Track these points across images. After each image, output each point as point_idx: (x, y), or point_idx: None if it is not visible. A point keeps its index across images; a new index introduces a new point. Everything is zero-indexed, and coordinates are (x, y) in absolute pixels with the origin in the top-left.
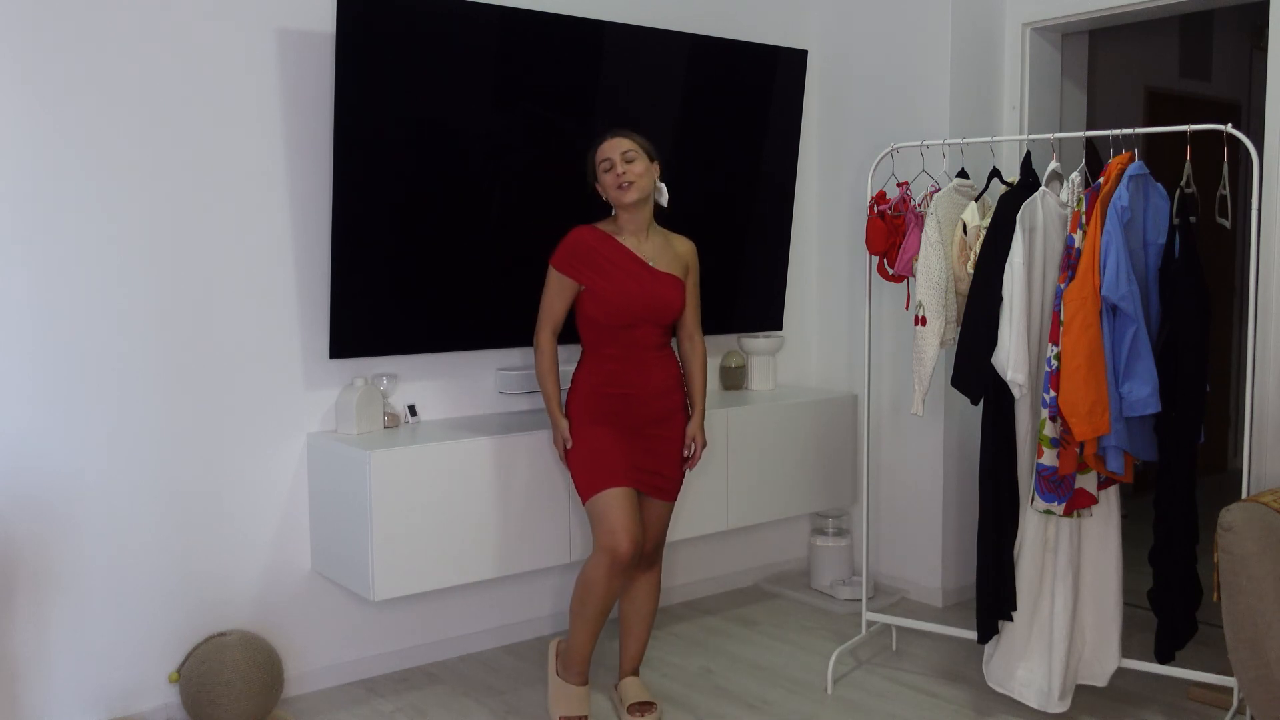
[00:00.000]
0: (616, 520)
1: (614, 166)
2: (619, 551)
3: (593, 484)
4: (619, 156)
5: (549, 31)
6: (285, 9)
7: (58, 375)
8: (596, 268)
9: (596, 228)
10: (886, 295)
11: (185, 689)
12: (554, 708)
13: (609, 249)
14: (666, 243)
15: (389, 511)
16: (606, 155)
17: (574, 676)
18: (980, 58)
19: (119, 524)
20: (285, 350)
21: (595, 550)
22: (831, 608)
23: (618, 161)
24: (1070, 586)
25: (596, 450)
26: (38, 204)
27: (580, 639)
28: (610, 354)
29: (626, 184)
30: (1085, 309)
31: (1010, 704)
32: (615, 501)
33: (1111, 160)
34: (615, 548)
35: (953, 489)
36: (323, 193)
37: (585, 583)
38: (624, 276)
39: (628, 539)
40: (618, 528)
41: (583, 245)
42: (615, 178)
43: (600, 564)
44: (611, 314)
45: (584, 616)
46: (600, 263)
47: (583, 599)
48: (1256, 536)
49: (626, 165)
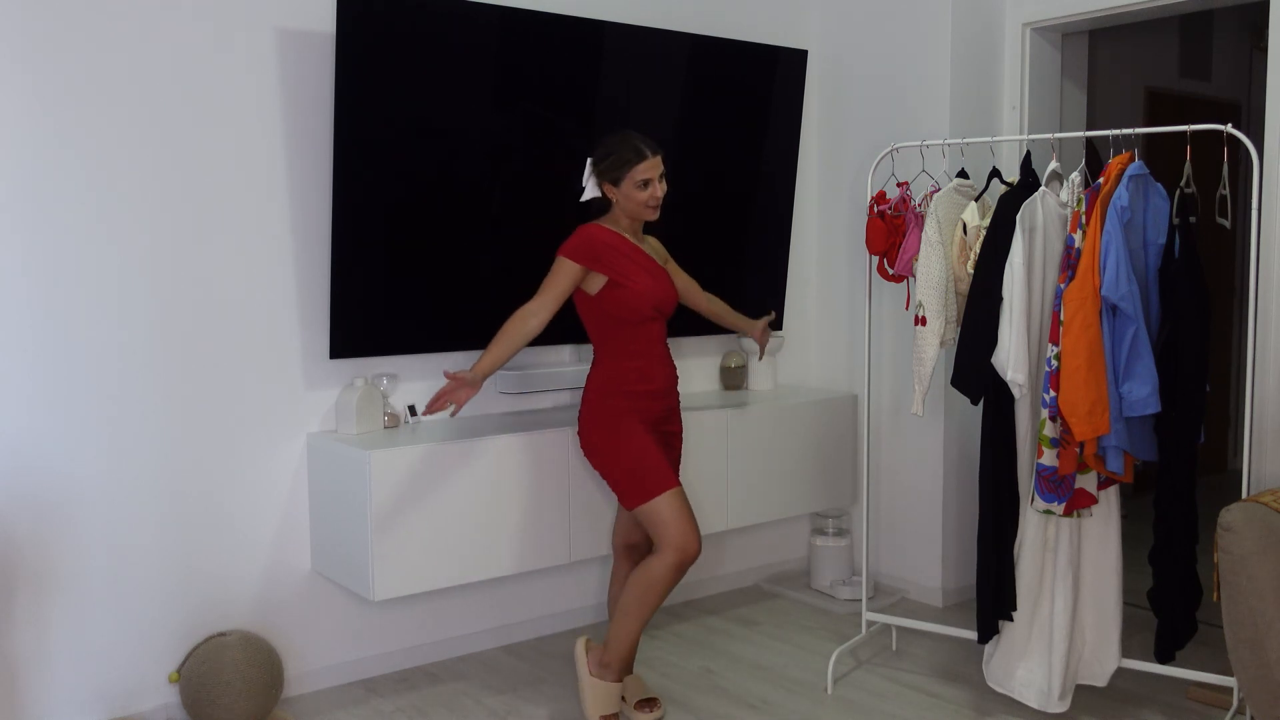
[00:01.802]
0: (685, 520)
1: (653, 186)
2: (690, 550)
3: (652, 487)
4: (657, 177)
5: (549, 31)
6: (285, 9)
7: (58, 375)
8: (619, 263)
9: (607, 227)
10: (886, 295)
11: (185, 689)
12: (592, 709)
13: (625, 247)
14: (646, 242)
15: (389, 511)
16: (647, 175)
17: (616, 674)
18: (980, 58)
19: (119, 524)
20: (285, 350)
21: (663, 550)
22: (831, 608)
23: (657, 183)
24: (1070, 586)
25: (645, 453)
26: (37, 204)
27: (629, 637)
28: (634, 350)
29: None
30: (1085, 309)
31: (1010, 704)
32: (678, 501)
33: (1111, 160)
34: (687, 547)
35: (953, 489)
36: (323, 193)
37: (649, 582)
38: (642, 273)
39: (696, 538)
40: (688, 528)
41: (603, 242)
42: (652, 199)
43: (669, 564)
44: (636, 309)
45: (641, 616)
46: (621, 260)
47: (643, 598)
48: (1256, 536)
49: (661, 185)
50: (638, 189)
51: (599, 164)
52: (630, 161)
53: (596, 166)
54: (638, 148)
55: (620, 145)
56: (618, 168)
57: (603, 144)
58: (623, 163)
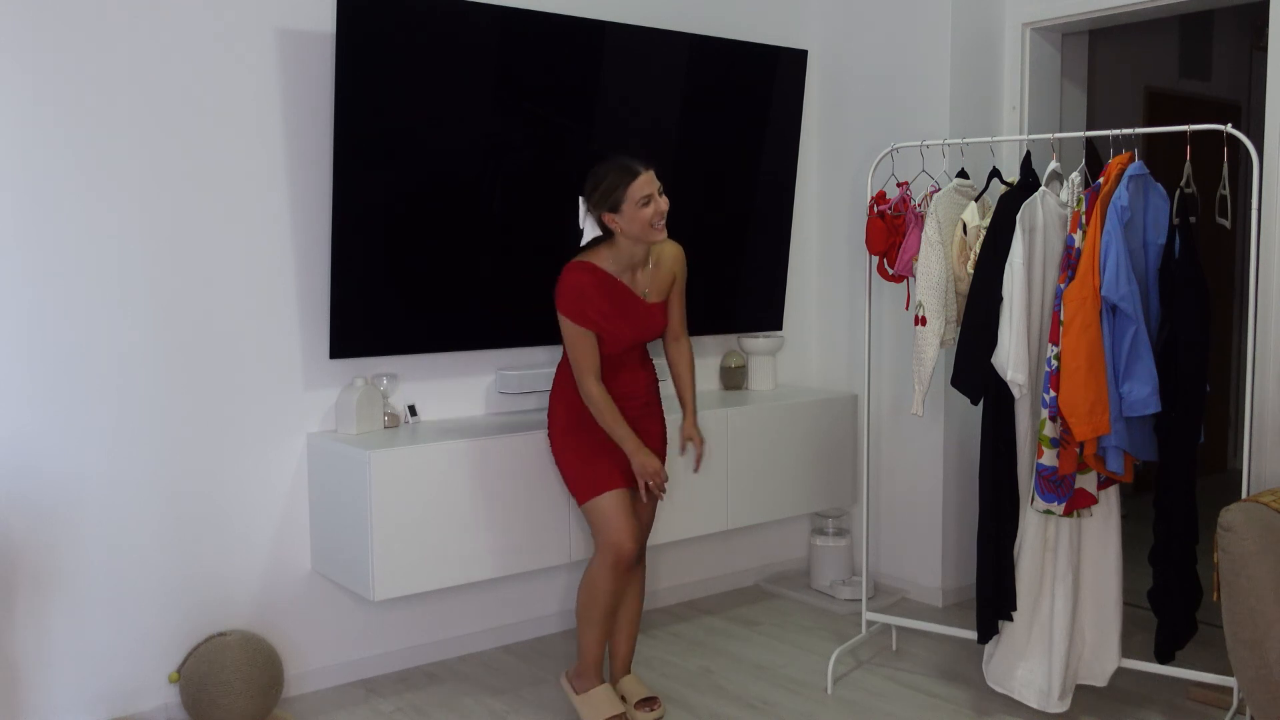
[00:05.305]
0: (619, 520)
1: (654, 201)
2: (623, 550)
3: (591, 487)
4: (657, 191)
5: (549, 31)
6: (285, 9)
7: (57, 375)
8: (601, 313)
9: (593, 265)
10: (886, 295)
11: (185, 689)
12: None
13: (609, 291)
14: (658, 263)
15: (389, 511)
16: (647, 192)
17: (590, 681)
18: (980, 58)
19: (119, 524)
20: (285, 350)
21: (599, 551)
22: (831, 608)
23: (657, 197)
24: (1070, 586)
25: (590, 453)
26: (37, 204)
27: (589, 643)
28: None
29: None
30: (1085, 309)
31: (1010, 704)
32: (616, 502)
33: (1111, 160)
34: (620, 546)
35: (953, 489)
36: (323, 192)
37: (590, 585)
38: (621, 320)
39: (631, 538)
40: (621, 527)
41: (586, 292)
42: (658, 214)
43: (604, 563)
44: (612, 348)
45: (592, 620)
46: (604, 307)
47: (589, 602)
48: (1256, 536)
49: (662, 199)
50: (640, 208)
51: (591, 196)
52: (625, 183)
53: (590, 200)
54: (627, 166)
55: (608, 171)
56: (612, 192)
57: (589, 177)
58: (616, 186)
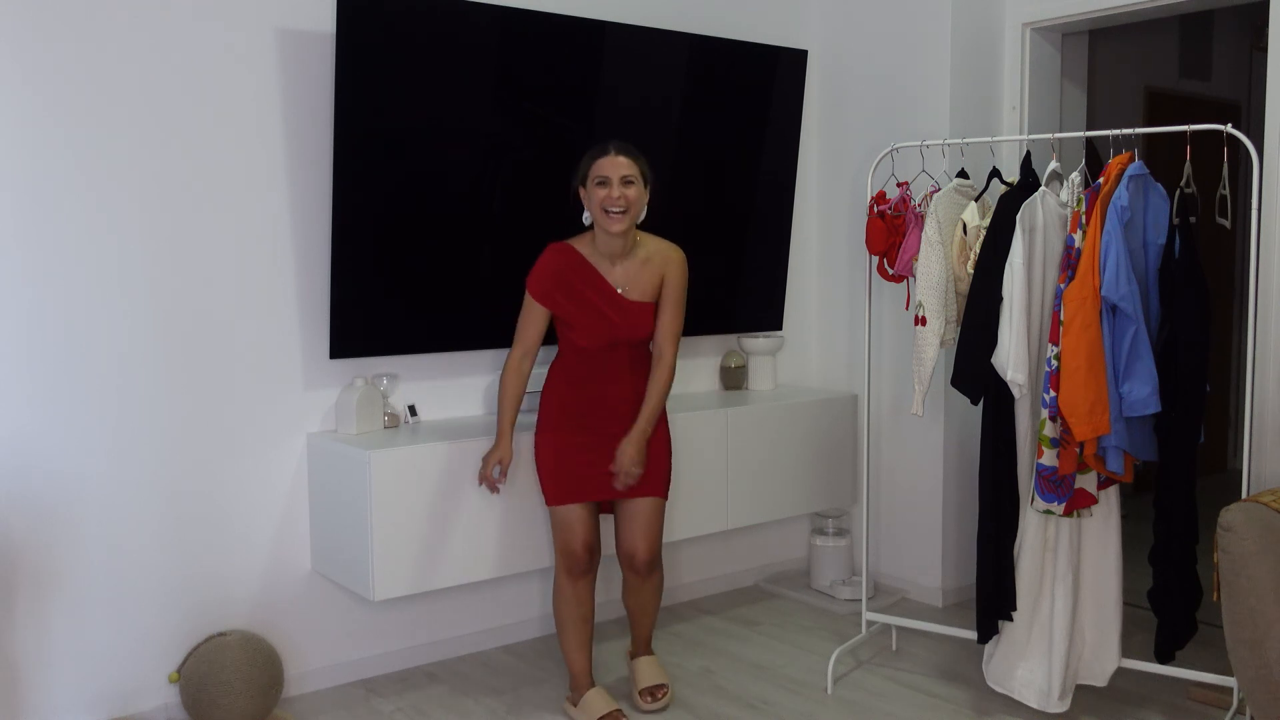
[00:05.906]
0: (571, 525)
1: (610, 187)
2: (572, 556)
3: (556, 493)
4: (617, 178)
5: (549, 31)
6: (285, 9)
7: (57, 375)
8: (570, 294)
9: (572, 247)
10: (886, 295)
11: (185, 689)
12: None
13: (583, 274)
14: (646, 261)
15: (389, 511)
16: (605, 173)
17: (580, 690)
18: (980, 58)
19: (119, 524)
20: (285, 350)
21: (555, 555)
22: (831, 608)
23: (615, 184)
24: (1070, 586)
25: (564, 458)
26: (36, 204)
27: (565, 650)
28: (585, 363)
29: (617, 212)
30: (1085, 309)
31: (1010, 704)
32: (576, 512)
33: (1111, 160)
34: (569, 552)
35: (953, 489)
36: (323, 193)
37: (554, 592)
38: (593, 308)
39: (580, 541)
40: (572, 529)
41: (556, 270)
42: (608, 199)
43: (559, 569)
44: (587, 341)
45: (562, 626)
46: (574, 289)
47: (554, 608)
48: (1256, 536)
49: (623, 190)
50: (596, 186)
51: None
52: (593, 158)
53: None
54: (603, 145)
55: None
56: (584, 167)
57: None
58: (587, 161)
